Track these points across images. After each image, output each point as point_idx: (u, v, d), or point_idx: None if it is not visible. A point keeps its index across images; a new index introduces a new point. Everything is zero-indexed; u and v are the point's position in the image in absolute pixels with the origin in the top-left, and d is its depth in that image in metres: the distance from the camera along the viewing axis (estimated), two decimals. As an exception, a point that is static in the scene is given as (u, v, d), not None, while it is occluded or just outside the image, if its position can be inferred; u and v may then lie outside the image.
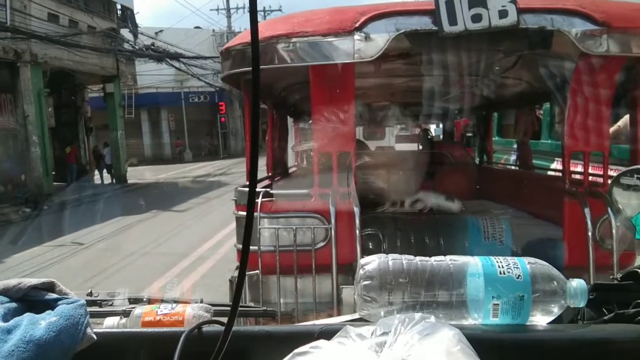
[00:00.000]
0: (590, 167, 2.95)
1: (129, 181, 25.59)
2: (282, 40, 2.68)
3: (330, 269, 2.74)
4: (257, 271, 2.83)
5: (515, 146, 5.91)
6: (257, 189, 2.94)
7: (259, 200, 2.81)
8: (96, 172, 26.20)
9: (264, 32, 2.71)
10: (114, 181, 25.39)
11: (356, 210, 2.77)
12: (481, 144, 6.26)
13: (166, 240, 11.00)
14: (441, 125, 7.96)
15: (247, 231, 0.85)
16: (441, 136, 8.61)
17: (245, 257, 0.88)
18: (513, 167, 5.86)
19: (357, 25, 2.62)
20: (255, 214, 2.71)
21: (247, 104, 3.62)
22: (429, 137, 7.57)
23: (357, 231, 2.73)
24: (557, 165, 5.39)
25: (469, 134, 7.48)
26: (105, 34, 23.41)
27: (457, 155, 6.11)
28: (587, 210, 2.67)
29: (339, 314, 2.45)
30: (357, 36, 2.61)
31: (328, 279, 2.75)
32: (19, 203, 16.87)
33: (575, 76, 2.78)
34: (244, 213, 2.81)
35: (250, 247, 2.27)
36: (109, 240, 11.20)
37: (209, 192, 19.32)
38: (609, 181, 2.72)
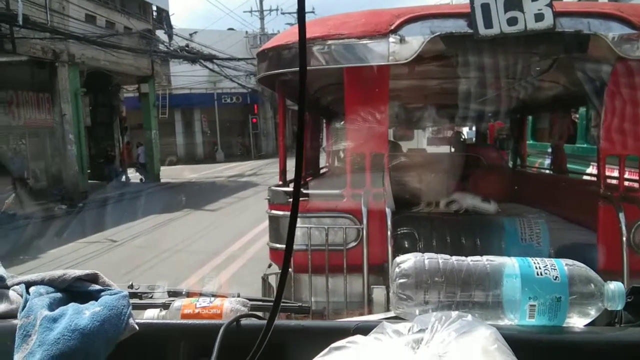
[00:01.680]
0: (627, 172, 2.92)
1: (161, 180, 25.87)
2: (318, 42, 2.71)
3: (362, 269, 2.75)
4: (290, 269, 2.82)
5: (549, 150, 5.84)
6: (290, 189, 3.07)
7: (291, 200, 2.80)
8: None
9: None
10: (143, 180, 25.66)
11: (388, 211, 2.78)
12: (515, 147, 6.20)
13: (198, 239, 11.08)
14: (474, 128, 7.89)
15: (291, 228, 0.87)
16: (474, 139, 8.54)
17: (289, 254, 0.89)
18: (547, 171, 5.78)
19: (392, 28, 2.63)
20: (287, 212, 2.74)
21: (281, 105, 3.64)
22: (462, 139, 7.50)
23: (389, 232, 2.73)
24: (593, 169, 5.31)
25: (503, 137, 7.40)
26: (141, 35, 23.64)
27: (490, 158, 6.07)
28: (621, 215, 2.65)
29: (369, 313, 2.55)
30: (392, 39, 2.61)
31: (359, 278, 2.77)
32: (55, 200, 17.16)
33: (612, 80, 2.75)
34: (277, 212, 2.95)
35: (283, 246, 2.32)
36: (142, 238, 11.35)
37: (240, 192, 19.42)
38: None
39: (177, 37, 26.52)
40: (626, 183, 2.95)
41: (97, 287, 1.21)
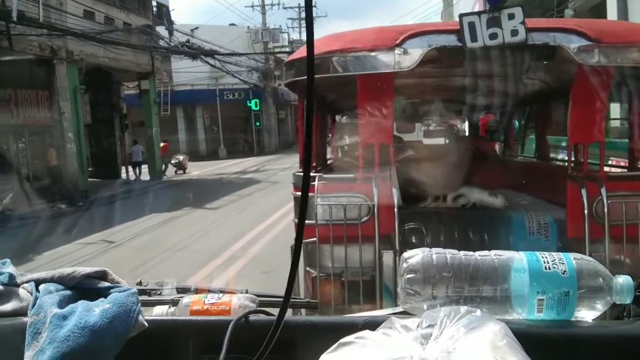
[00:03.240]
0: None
1: (163, 178, 25.77)
2: (336, 54, 3.28)
3: (373, 238, 3.30)
4: (315, 239, 3.37)
5: (564, 143, 6.34)
6: (313, 174, 3.59)
7: (315, 183, 3.38)
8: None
9: (322, 47, 3.32)
10: (135, 178, 25.58)
11: (394, 191, 3.36)
12: (505, 139, 6.85)
13: (198, 239, 10.93)
14: (467, 122, 8.31)
15: (299, 229, 0.87)
16: (466, 131, 8.82)
17: (297, 253, 0.90)
18: (534, 160, 6.19)
19: (397, 42, 3.16)
20: (312, 194, 3.31)
21: (301, 105, 4.29)
22: (456, 131, 7.80)
23: (396, 208, 3.29)
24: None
25: (494, 129, 7.73)
26: (141, 30, 23.40)
27: (483, 149, 6.56)
28: (584, 191, 3.20)
29: (380, 273, 3.27)
30: (397, 51, 3.16)
31: (371, 246, 3.32)
32: (55, 199, 16.93)
33: (574, 83, 3.35)
34: (300, 193, 3.29)
35: (309, 221, 3.08)
36: (140, 238, 11.21)
37: (242, 189, 19.33)
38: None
39: (178, 32, 26.43)
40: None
41: (106, 284, 1.22)
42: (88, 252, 9.86)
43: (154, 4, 27.18)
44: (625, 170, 4.25)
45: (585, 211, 3.16)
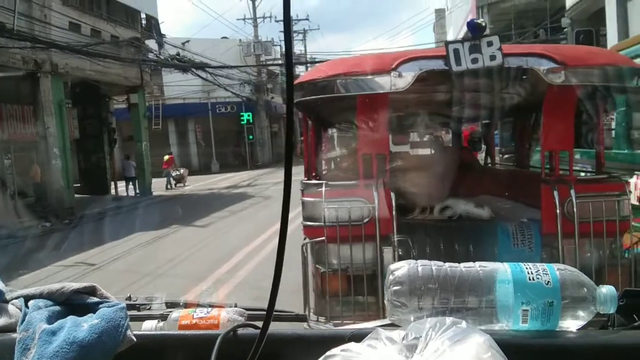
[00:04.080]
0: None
1: (153, 193, 25.21)
2: (340, 77, 3.73)
3: (375, 237, 3.72)
4: (324, 237, 3.82)
5: (578, 156, 6.50)
6: (320, 182, 4.12)
7: (322, 189, 3.83)
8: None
9: (328, 71, 3.82)
10: (128, 193, 25.21)
11: (392, 195, 3.78)
12: (486, 149, 7.38)
13: (183, 260, 10.54)
14: (451, 133, 8.86)
15: (283, 227, 0.88)
16: (450, 142, 9.03)
17: (280, 261, 0.91)
18: (514, 167, 6.59)
19: (392, 67, 3.60)
20: (320, 199, 3.78)
21: (305, 120, 4.97)
22: (441, 142, 8.09)
23: (394, 211, 3.75)
24: (637, 179, 5.65)
25: (475, 140, 7.99)
26: (129, 43, 22.98)
27: (466, 158, 6.91)
28: (555, 193, 3.65)
29: (381, 267, 3.66)
30: (393, 74, 3.59)
31: (373, 244, 3.75)
32: (39, 217, 16.38)
33: (545, 99, 3.82)
34: (308, 198, 4.00)
35: (318, 223, 3.85)
36: (122, 260, 10.73)
37: (233, 205, 18.93)
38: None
39: (168, 45, 26.13)
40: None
41: (95, 299, 1.22)
42: (65, 276, 9.39)
43: (143, 16, 26.83)
44: None
45: (558, 210, 3.62)
